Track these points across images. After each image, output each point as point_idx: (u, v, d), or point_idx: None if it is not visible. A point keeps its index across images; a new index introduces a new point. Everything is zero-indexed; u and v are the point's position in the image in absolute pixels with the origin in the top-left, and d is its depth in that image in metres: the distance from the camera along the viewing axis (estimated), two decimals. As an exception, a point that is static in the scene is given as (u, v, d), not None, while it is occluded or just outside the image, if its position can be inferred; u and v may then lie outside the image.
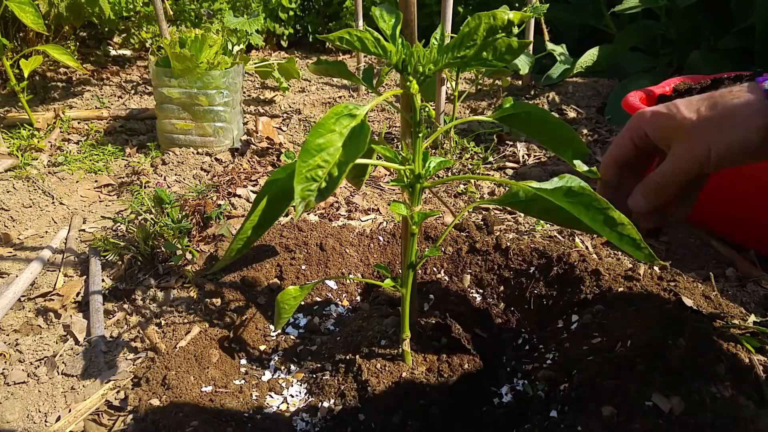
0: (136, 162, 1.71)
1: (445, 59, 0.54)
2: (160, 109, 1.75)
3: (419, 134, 0.59)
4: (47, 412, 0.81)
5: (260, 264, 1.05)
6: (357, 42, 0.54)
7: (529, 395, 0.78)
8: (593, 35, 2.79)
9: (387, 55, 0.55)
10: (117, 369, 0.88)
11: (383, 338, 0.83)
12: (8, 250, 1.29)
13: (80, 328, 0.99)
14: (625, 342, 0.75)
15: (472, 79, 2.53)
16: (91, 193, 1.59)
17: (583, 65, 2.37)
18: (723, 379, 0.67)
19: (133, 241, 1.18)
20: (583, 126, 1.95)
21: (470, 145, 1.67)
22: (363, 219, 1.30)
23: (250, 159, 1.68)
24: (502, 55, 0.51)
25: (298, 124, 2.09)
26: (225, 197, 1.35)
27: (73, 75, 2.52)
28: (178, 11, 2.53)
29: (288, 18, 3.18)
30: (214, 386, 0.82)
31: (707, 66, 2.04)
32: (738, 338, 0.75)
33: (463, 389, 0.77)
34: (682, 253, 1.14)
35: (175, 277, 1.08)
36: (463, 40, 0.53)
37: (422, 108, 0.58)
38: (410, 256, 0.68)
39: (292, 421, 0.77)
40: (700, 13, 2.22)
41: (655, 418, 0.62)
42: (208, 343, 0.89)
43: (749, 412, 0.62)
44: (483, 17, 0.53)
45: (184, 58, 1.62)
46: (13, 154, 1.72)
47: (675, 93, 1.60)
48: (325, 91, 2.49)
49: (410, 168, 0.61)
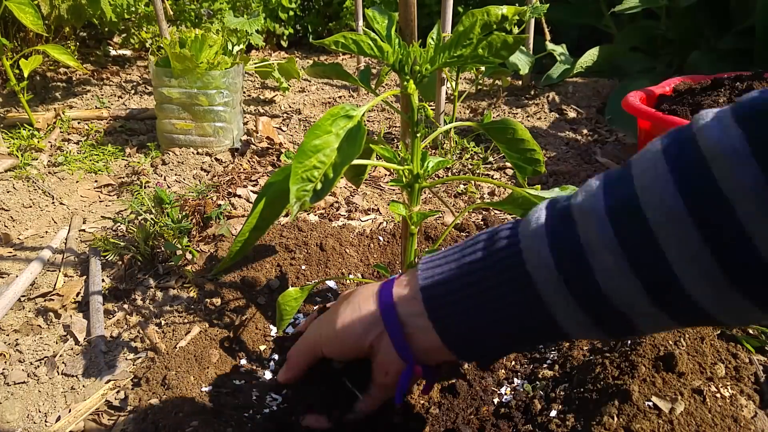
0: (136, 162, 1.71)
1: (442, 58, 0.54)
2: (160, 109, 1.75)
3: (417, 134, 0.59)
4: (47, 412, 0.81)
5: (260, 264, 1.05)
6: (353, 45, 0.54)
7: (529, 395, 0.78)
8: (593, 35, 2.79)
9: (384, 56, 0.55)
10: (117, 369, 0.88)
11: (383, 338, 0.83)
12: (8, 250, 1.29)
13: (80, 328, 0.99)
14: (626, 342, 0.75)
15: (473, 79, 2.53)
16: (91, 193, 1.59)
17: (583, 65, 2.38)
18: (723, 379, 0.67)
19: (133, 241, 1.19)
20: (583, 126, 1.95)
21: (470, 146, 1.67)
22: (363, 219, 1.30)
23: (250, 159, 1.68)
24: (498, 51, 0.51)
25: (298, 124, 2.09)
26: (225, 197, 1.35)
27: (73, 75, 2.52)
28: (178, 11, 2.53)
29: (288, 18, 3.18)
30: (214, 386, 0.82)
31: (707, 66, 2.04)
32: (738, 338, 0.75)
33: (463, 389, 0.77)
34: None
35: (175, 277, 1.08)
36: (460, 39, 0.53)
37: (420, 108, 0.58)
38: (410, 256, 0.68)
39: (293, 421, 0.77)
40: (700, 13, 2.22)
41: (656, 418, 0.62)
42: (208, 343, 0.89)
43: (749, 412, 0.62)
44: (477, 14, 0.53)
45: (184, 58, 1.62)
46: (13, 154, 1.72)
47: (675, 93, 1.60)
48: (325, 91, 2.49)
49: (409, 168, 0.61)
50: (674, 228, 0.34)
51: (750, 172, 0.31)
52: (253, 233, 0.54)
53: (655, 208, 0.35)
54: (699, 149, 0.34)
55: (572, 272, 0.39)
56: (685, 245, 0.34)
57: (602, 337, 0.42)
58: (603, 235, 0.37)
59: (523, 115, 2.08)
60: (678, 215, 0.34)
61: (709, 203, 0.33)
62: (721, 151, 0.32)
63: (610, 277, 0.37)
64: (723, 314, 0.36)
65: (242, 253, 0.57)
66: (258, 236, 0.55)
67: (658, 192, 0.35)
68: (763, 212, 0.31)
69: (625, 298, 0.38)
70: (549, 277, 0.40)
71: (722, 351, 0.72)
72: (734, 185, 0.32)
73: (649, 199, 0.35)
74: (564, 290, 0.39)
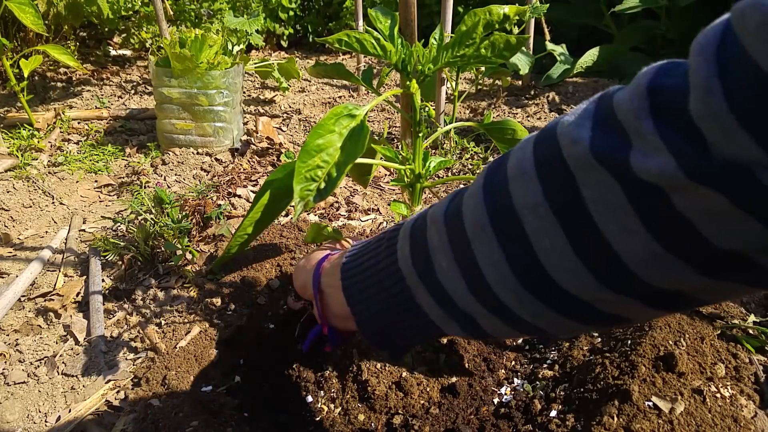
0: (136, 162, 1.71)
1: (445, 58, 0.54)
2: (160, 109, 1.75)
3: (419, 134, 0.59)
4: (47, 412, 0.81)
5: (260, 264, 1.05)
6: (356, 43, 0.54)
7: (529, 395, 0.78)
8: (593, 35, 2.79)
9: (387, 55, 0.55)
10: (117, 369, 0.88)
11: (383, 338, 0.83)
12: (8, 250, 1.29)
13: (80, 328, 0.99)
14: (626, 342, 0.75)
15: (473, 79, 2.53)
16: (91, 193, 1.59)
17: (583, 65, 2.38)
18: (723, 379, 0.67)
19: (133, 241, 1.18)
20: (583, 126, 1.95)
21: (470, 146, 1.67)
22: (363, 219, 1.30)
23: (250, 159, 1.68)
24: (501, 52, 0.51)
25: (298, 124, 2.09)
26: (225, 197, 1.35)
27: (73, 75, 2.52)
28: (178, 11, 2.53)
29: (288, 18, 3.18)
30: (214, 386, 0.82)
31: (707, 66, 2.04)
32: (738, 338, 0.75)
33: (463, 389, 0.77)
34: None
35: (175, 277, 1.08)
36: (462, 38, 0.53)
37: (422, 107, 0.58)
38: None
39: None
40: (699, 13, 2.22)
41: (656, 418, 0.62)
42: (208, 343, 0.89)
43: (749, 412, 0.62)
44: (479, 13, 0.53)
45: (184, 58, 1.62)
46: (13, 154, 1.72)
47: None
48: (325, 91, 2.49)
49: (410, 168, 0.61)
50: (480, 236, 0.38)
51: (533, 189, 0.35)
52: (257, 227, 0.54)
53: (468, 218, 0.39)
54: (505, 170, 0.38)
55: (423, 271, 0.43)
56: (488, 251, 0.38)
57: (465, 335, 0.45)
58: (440, 239, 0.42)
59: (523, 115, 2.08)
60: (482, 226, 0.38)
61: (503, 217, 0.37)
62: (516, 172, 0.37)
63: (446, 276, 0.41)
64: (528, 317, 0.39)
65: (243, 247, 0.57)
66: (260, 230, 0.55)
67: (472, 204, 0.39)
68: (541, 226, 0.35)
69: (461, 298, 0.41)
70: (410, 273, 0.44)
71: (722, 351, 0.72)
72: (522, 201, 0.36)
73: (466, 209, 0.40)
74: (422, 286, 0.44)
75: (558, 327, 0.39)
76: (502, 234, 0.37)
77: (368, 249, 0.50)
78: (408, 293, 0.45)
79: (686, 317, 0.77)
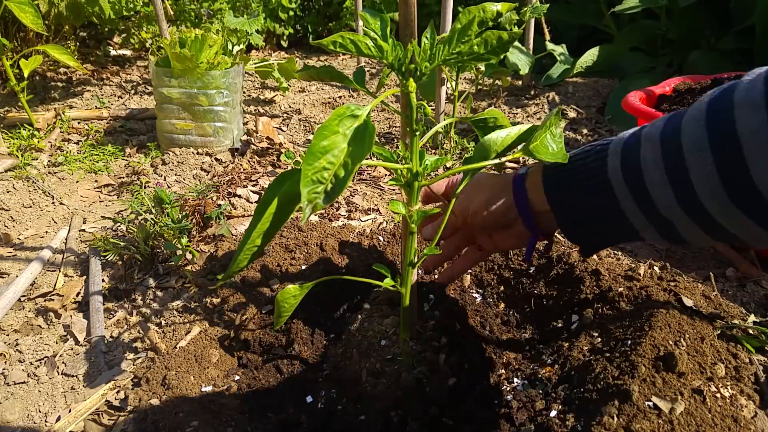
0: (136, 162, 1.71)
1: (441, 56, 0.54)
2: (160, 109, 1.75)
3: (416, 132, 0.59)
4: (47, 412, 0.81)
5: (260, 264, 1.05)
6: (351, 45, 0.54)
7: (530, 395, 0.77)
8: (593, 35, 2.79)
9: (383, 55, 0.55)
10: (117, 369, 0.88)
11: (383, 338, 0.83)
12: (8, 250, 1.29)
13: (80, 328, 0.99)
14: (626, 342, 0.75)
15: (473, 79, 2.53)
16: (91, 193, 1.59)
17: (583, 65, 2.37)
18: (723, 379, 0.67)
19: (133, 241, 1.18)
20: (583, 126, 1.95)
21: (470, 145, 1.67)
22: (363, 219, 1.30)
23: (250, 159, 1.68)
24: (494, 48, 0.52)
25: (298, 124, 2.09)
26: (225, 197, 1.35)
27: (73, 75, 2.52)
28: (178, 11, 2.53)
29: (288, 18, 3.18)
30: (214, 386, 0.82)
31: (707, 66, 2.04)
32: (738, 338, 0.75)
33: (463, 389, 0.77)
34: (682, 253, 1.14)
35: (175, 277, 1.08)
36: (458, 36, 0.53)
37: (419, 107, 0.58)
38: (410, 255, 0.68)
39: None
40: (700, 13, 2.21)
41: (656, 418, 0.62)
42: (208, 343, 0.89)
43: (749, 412, 0.62)
44: (473, 11, 0.53)
45: (184, 58, 1.62)
46: (13, 154, 1.72)
47: (675, 93, 1.60)
48: (325, 91, 2.49)
49: (408, 166, 0.61)
50: (697, 153, 0.45)
51: (759, 118, 0.41)
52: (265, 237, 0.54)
53: (688, 138, 0.47)
54: (732, 98, 0.44)
55: (633, 182, 0.52)
56: (702, 167, 0.45)
57: (661, 240, 0.54)
58: (654, 155, 0.49)
59: (523, 115, 2.08)
60: (701, 144, 0.45)
61: (725, 138, 0.43)
62: (744, 101, 0.43)
63: (656, 186, 0.50)
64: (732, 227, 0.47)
65: (254, 259, 0.56)
66: (269, 240, 0.55)
67: (693, 126, 0.46)
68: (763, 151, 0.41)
69: (666, 205, 0.50)
70: (619, 183, 0.53)
71: (722, 351, 0.72)
72: (746, 127, 0.42)
73: (686, 130, 0.47)
74: (629, 195, 0.53)
75: (753, 235, 0.46)
76: (720, 154, 0.44)
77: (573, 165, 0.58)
78: (614, 202, 0.54)
79: (686, 317, 0.77)
